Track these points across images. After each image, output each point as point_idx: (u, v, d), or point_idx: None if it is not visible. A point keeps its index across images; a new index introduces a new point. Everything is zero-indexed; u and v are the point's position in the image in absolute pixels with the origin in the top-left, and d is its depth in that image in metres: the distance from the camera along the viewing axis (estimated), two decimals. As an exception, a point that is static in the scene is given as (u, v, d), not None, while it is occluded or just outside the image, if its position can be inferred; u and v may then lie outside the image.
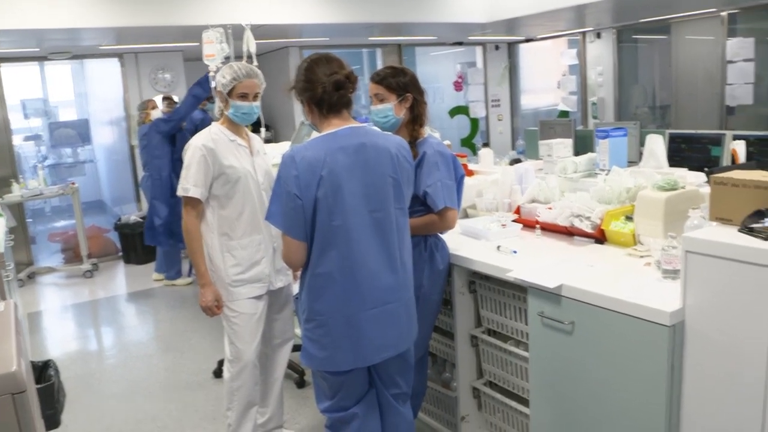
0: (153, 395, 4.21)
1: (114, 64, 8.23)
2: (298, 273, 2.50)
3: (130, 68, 8.17)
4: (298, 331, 3.33)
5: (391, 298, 2.31)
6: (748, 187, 1.99)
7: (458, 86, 10.38)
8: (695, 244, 1.98)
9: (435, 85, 10.53)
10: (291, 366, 3.78)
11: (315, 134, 2.40)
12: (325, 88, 2.25)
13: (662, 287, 2.23)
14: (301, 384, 4.09)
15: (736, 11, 7.80)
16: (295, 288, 2.98)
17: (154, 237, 6.54)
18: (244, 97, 2.92)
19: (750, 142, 4.33)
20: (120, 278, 7.43)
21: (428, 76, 10.61)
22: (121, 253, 7.95)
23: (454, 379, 3.10)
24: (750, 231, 1.90)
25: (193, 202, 2.90)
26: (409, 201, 2.41)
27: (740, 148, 4.13)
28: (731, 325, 1.91)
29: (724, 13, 7.84)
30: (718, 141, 4.73)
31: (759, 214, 1.93)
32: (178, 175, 3.04)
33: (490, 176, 3.96)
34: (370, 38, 8.82)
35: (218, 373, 4.27)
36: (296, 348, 3.48)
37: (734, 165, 3.90)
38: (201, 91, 5.65)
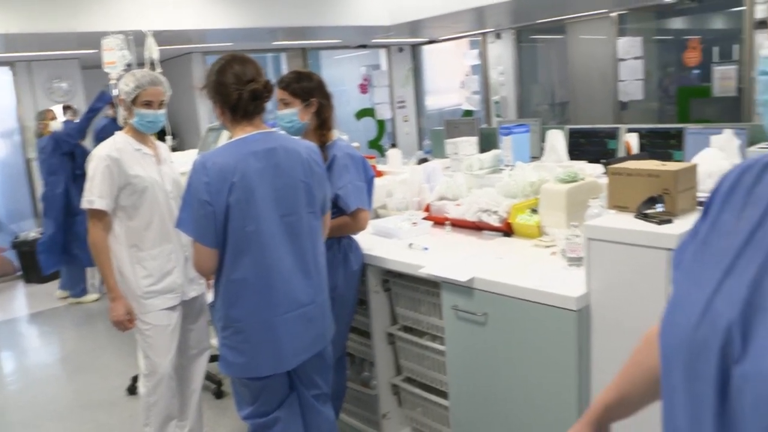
0: (63, 418, 4.04)
1: (5, 73, 7.83)
2: (212, 281, 2.47)
3: (23, 77, 7.79)
4: (214, 341, 3.29)
5: (307, 301, 2.31)
6: (642, 176, 2.11)
7: (363, 89, 10.45)
8: (596, 232, 2.07)
9: (340, 88, 10.56)
10: (208, 377, 3.71)
11: (222, 141, 2.38)
12: (241, 95, 2.23)
13: (568, 274, 2.33)
14: (219, 394, 4.02)
15: (625, 12, 8.20)
16: (210, 296, 2.94)
17: (47, 260, 6.23)
18: (148, 105, 2.86)
19: (642, 134, 4.57)
20: (20, 299, 7.08)
21: (333, 79, 10.62)
22: (20, 273, 7.57)
23: (373, 377, 3.13)
24: (644, 216, 2.02)
25: (99, 215, 2.81)
26: (320, 205, 2.42)
27: (633, 140, 4.35)
28: (632, 305, 2.02)
29: (614, 14, 8.23)
30: (613, 134, 4.96)
31: (652, 201, 2.04)
32: (80, 190, 2.94)
33: (398, 176, 4.02)
34: (274, 43, 8.77)
35: (132, 390, 4.15)
36: (213, 358, 3.43)
37: (629, 156, 4.10)
38: (99, 104, 5.51)
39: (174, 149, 3.94)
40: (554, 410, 2.23)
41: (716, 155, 3.17)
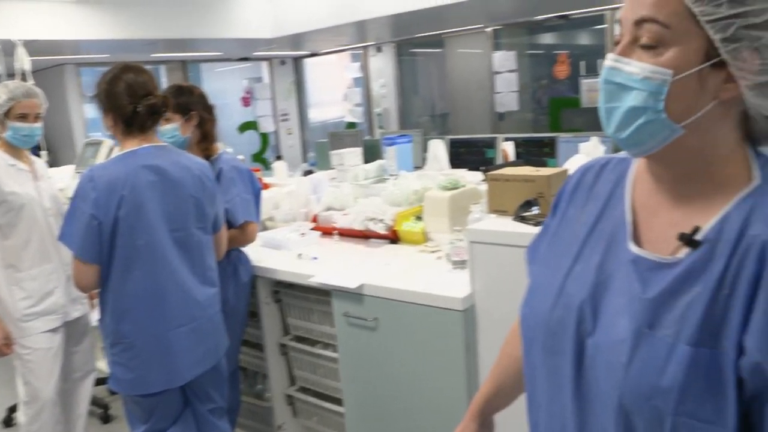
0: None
1: None
2: (96, 301, 2.40)
3: None
4: (100, 363, 3.18)
5: (199, 315, 2.30)
6: (518, 182, 2.24)
7: (246, 102, 10.35)
8: (478, 235, 2.18)
9: (222, 101, 10.41)
10: (94, 401, 3.57)
11: (101, 156, 2.33)
12: (136, 108, 2.19)
13: (453, 277, 2.43)
14: (106, 419, 3.86)
15: (499, 27, 8.58)
16: (95, 316, 2.84)
17: None
18: (23, 118, 2.74)
19: (518, 143, 4.80)
20: None
21: (215, 92, 10.39)
22: None
23: (267, 389, 3.13)
24: (522, 219, 2.14)
25: None
26: (211, 221, 2.41)
27: (510, 148, 4.56)
28: (514, 302, 2.10)
29: (489, 29, 8.59)
30: (491, 144, 5.18)
31: (528, 204, 2.17)
32: None
33: (285, 188, 4.03)
34: (153, 55, 8.54)
35: (8, 422, 3.91)
36: (99, 381, 3.31)
37: (506, 163, 4.30)
38: None
39: (49, 165, 3.79)
40: (446, 406, 2.31)
41: (585, 161, 3.38)
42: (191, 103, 2.77)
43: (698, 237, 0.88)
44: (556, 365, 1.01)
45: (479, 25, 8.53)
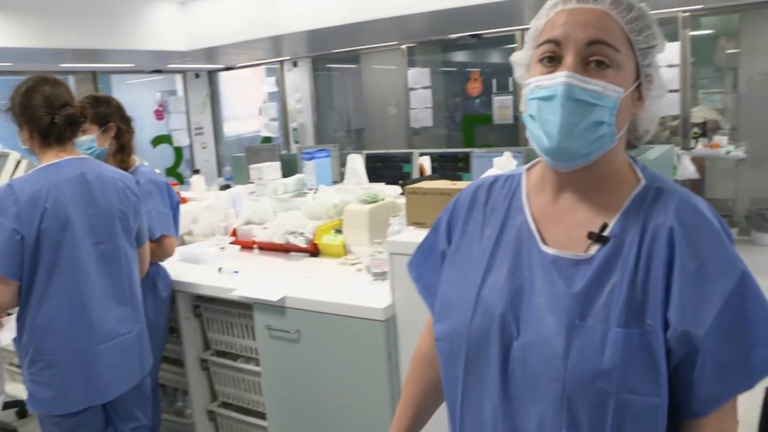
0: None
1: None
2: (4, 319, 2.33)
3: None
4: (8, 387, 3.07)
5: (124, 330, 2.26)
6: (436, 194, 2.33)
7: (159, 115, 10.14)
8: (397, 247, 2.25)
9: (134, 114, 10.04)
10: (2, 426, 3.43)
11: (7, 170, 2.27)
12: (54, 119, 2.14)
13: (374, 288, 2.49)
14: (13, 443, 3.72)
15: (413, 45, 8.77)
16: (5, 336, 2.74)
17: None
18: None
19: (434, 158, 4.94)
20: None
21: (127, 104, 10.02)
22: None
23: (188, 406, 3.10)
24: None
25: None
26: (136, 234, 2.39)
27: (426, 162, 4.68)
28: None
29: (404, 46, 8.77)
30: (407, 159, 5.30)
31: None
32: None
33: (203, 202, 4.00)
34: (61, 65, 8.26)
35: None
36: (7, 405, 3.19)
37: (423, 177, 4.41)
38: None
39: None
40: (370, 415, 2.37)
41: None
42: (108, 114, 2.74)
43: (605, 233, 1.01)
44: (482, 373, 1.07)
45: (394, 42, 8.70)
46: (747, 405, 3.36)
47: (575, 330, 0.97)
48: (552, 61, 1.01)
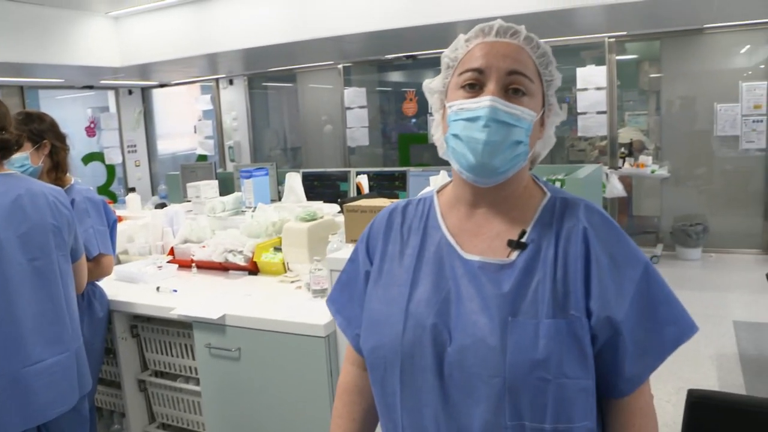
0: None
1: None
2: None
3: None
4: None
5: (60, 349, 2.21)
6: (373, 212, 2.39)
7: (91, 132, 9.93)
8: (336, 264, 2.30)
9: (64, 130, 9.90)
10: None
11: None
12: None
13: (314, 305, 2.53)
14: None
15: (349, 65, 8.87)
16: None
17: None
18: None
19: (371, 176, 5.01)
20: None
21: (56, 120, 9.95)
22: None
23: (125, 428, 3.04)
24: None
25: None
26: (71, 248, 2.35)
27: (364, 181, 4.75)
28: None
29: (340, 66, 8.87)
30: (344, 177, 5.37)
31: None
32: None
33: (139, 221, 3.96)
34: (-15, 79, 8.02)
35: None
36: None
37: (361, 195, 4.47)
38: None
39: None
40: (311, 430, 2.39)
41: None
42: (42, 131, 2.70)
43: (524, 240, 1.13)
44: (419, 384, 1.14)
45: (330, 62, 8.78)
46: (673, 411, 3.53)
47: (509, 326, 1.07)
48: (473, 87, 1.13)
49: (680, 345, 1.13)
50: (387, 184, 5.00)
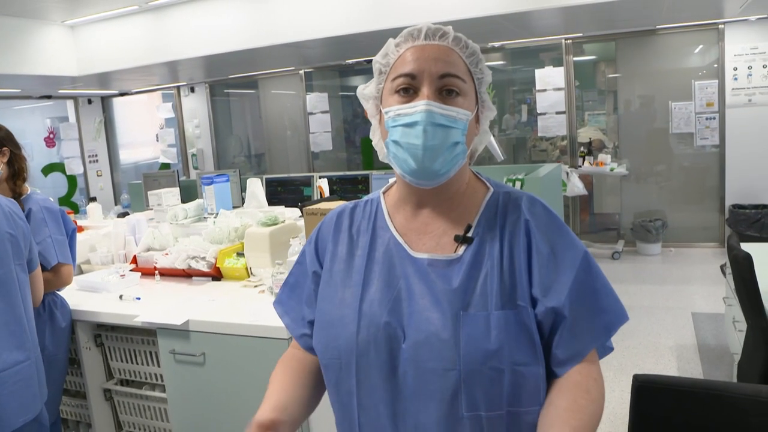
0: None
1: None
2: None
3: None
4: None
5: (22, 358, 2.20)
6: (334, 215, 2.42)
7: (50, 142, 9.80)
8: (299, 267, 2.32)
9: (23, 141, 9.69)
10: None
11: None
12: None
13: (277, 308, 2.54)
14: None
15: (310, 70, 8.90)
16: None
17: None
18: None
19: (334, 180, 5.06)
20: None
21: (14, 131, 9.75)
22: None
23: (89, 438, 3.03)
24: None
25: None
26: (27, 258, 2.34)
27: (325, 185, 4.78)
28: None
29: (301, 71, 8.88)
30: (308, 182, 5.39)
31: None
32: None
33: (101, 230, 3.94)
34: (-62, 90, 7.89)
35: None
36: None
37: (322, 199, 4.50)
38: None
39: None
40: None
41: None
42: (2, 139, 2.70)
43: (469, 234, 1.17)
44: (374, 382, 1.16)
45: (291, 68, 8.79)
46: (617, 396, 3.63)
47: (460, 320, 1.10)
48: (407, 92, 1.15)
49: (612, 333, 1.17)
50: (350, 188, 5.05)
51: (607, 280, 1.19)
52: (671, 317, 5.05)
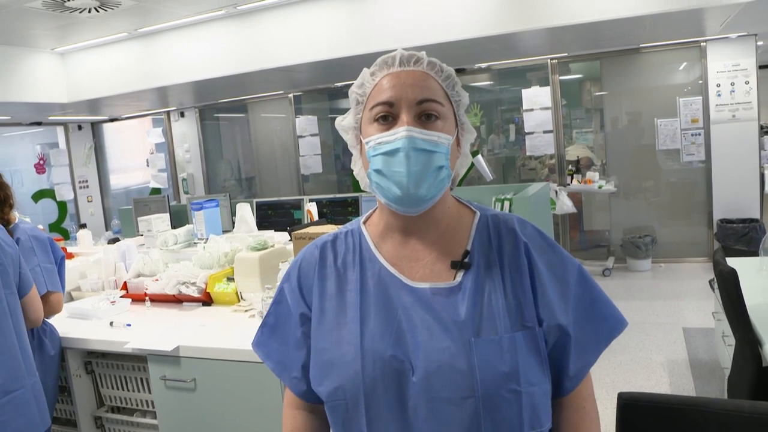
0: None
1: None
2: None
3: None
4: None
5: (16, 386, 2.20)
6: (323, 239, 2.44)
7: (40, 168, 9.80)
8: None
9: (12, 168, 9.79)
10: None
11: None
12: None
13: (267, 333, 2.55)
14: None
15: (299, 93, 8.96)
16: None
17: None
18: None
19: (323, 203, 5.07)
20: None
21: (3, 158, 9.83)
22: None
23: (80, 466, 3.01)
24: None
25: None
26: (17, 285, 2.35)
27: (314, 209, 4.80)
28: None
29: (290, 95, 8.94)
30: (298, 205, 5.41)
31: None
32: None
33: (91, 257, 3.94)
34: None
35: None
36: None
37: (311, 222, 4.52)
38: None
39: None
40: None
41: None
42: None
43: (466, 260, 1.16)
44: (386, 419, 1.12)
45: (280, 92, 8.85)
46: (610, 413, 3.65)
47: (473, 347, 1.09)
48: (386, 119, 1.13)
49: (614, 338, 1.21)
50: (340, 210, 5.07)
51: (601, 289, 1.23)
52: (662, 333, 5.07)
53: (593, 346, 1.19)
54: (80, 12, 5.50)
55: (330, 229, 2.48)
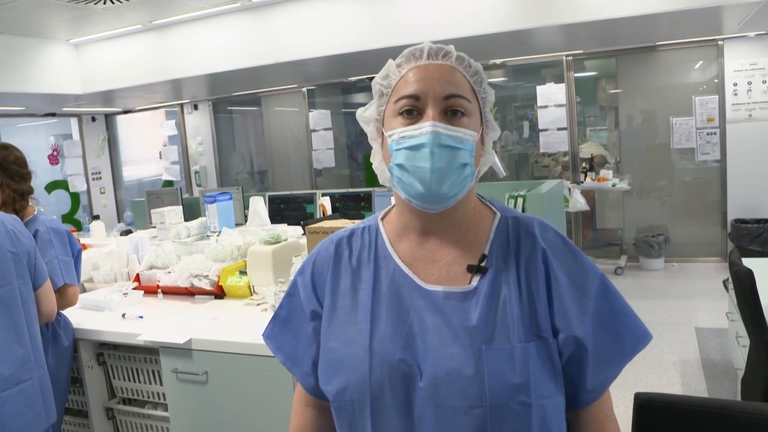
0: None
1: None
2: None
3: None
4: None
5: (25, 377, 2.21)
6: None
7: (54, 160, 9.84)
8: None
9: (27, 159, 9.80)
10: None
11: None
12: None
13: (279, 327, 2.55)
14: None
15: (313, 87, 8.95)
16: None
17: None
18: None
19: (336, 198, 5.05)
20: None
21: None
22: None
23: (91, 457, 3.03)
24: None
25: None
26: (32, 276, 2.36)
27: (327, 203, 4.79)
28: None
29: (304, 89, 8.93)
30: (311, 199, 5.40)
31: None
32: None
33: (104, 248, 3.95)
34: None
35: None
36: None
37: (324, 217, 4.51)
38: None
39: None
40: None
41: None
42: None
43: (483, 263, 1.12)
44: (391, 424, 1.10)
45: (294, 85, 8.84)
46: (621, 412, 3.62)
47: (483, 355, 1.05)
48: (411, 113, 1.10)
49: (637, 353, 1.14)
50: (353, 205, 5.05)
51: (625, 301, 1.16)
52: (675, 332, 5.05)
53: (615, 360, 1.13)
54: (95, 3, 5.51)
55: (344, 224, 2.47)
